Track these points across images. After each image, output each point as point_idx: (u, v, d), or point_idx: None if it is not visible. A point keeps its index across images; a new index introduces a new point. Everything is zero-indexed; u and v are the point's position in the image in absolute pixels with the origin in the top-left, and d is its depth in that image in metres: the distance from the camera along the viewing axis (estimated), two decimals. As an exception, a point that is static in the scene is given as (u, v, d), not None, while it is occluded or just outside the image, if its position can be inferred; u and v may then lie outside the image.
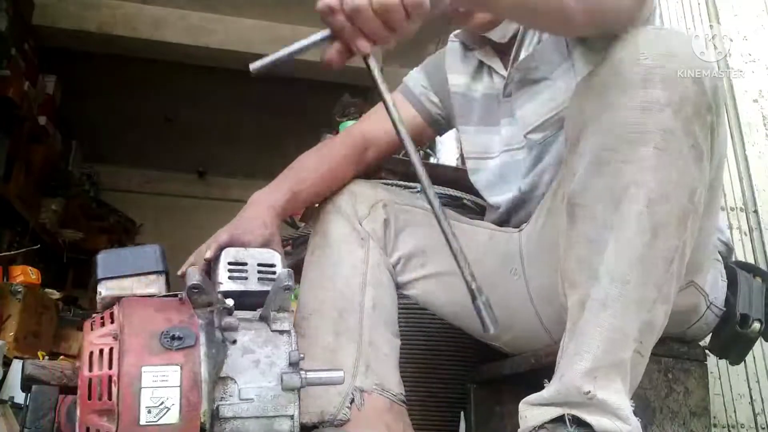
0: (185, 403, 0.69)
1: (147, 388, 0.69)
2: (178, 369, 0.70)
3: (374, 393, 1.01)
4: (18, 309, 2.00)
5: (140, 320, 0.74)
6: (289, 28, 3.91)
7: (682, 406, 0.96)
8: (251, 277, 0.90)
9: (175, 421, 0.68)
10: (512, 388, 1.21)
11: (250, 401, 0.73)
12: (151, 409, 0.68)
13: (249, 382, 0.74)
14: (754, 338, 1.02)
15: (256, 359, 0.75)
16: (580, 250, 0.81)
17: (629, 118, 0.77)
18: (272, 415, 0.73)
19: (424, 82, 1.28)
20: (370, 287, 1.08)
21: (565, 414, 0.77)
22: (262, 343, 0.76)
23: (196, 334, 0.72)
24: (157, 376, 0.69)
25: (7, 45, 3.15)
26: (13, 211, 3.32)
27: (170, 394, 0.69)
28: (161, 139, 4.99)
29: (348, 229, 1.11)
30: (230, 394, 0.73)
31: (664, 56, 0.77)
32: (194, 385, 0.70)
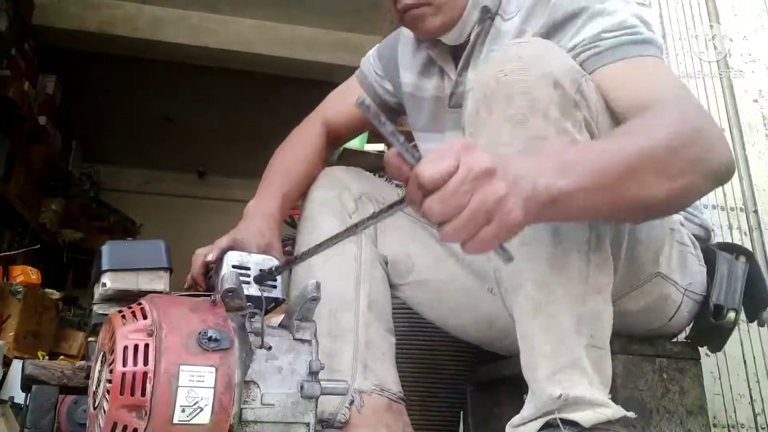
0: (218, 405, 0.70)
1: (183, 387, 0.69)
2: (214, 370, 0.71)
3: (373, 394, 1.01)
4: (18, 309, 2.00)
5: (177, 319, 0.74)
6: (289, 28, 3.91)
7: (679, 406, 0.96)
8: (253, 282, 0.90)
9: (207, 422, 0.69)
10: (510, 390, 1.21)
11: (270, 406, 0.74)
12: (185, 408, 0.69)
13: (271, 388, 0.75)
14: (730, 328, 1.02)
15: (279, 366, 0.76)
16: None
17: (501, 133, 0.80)
18: (291, 421, 0.74)
19: (379, 69, 1.25)
20: (365, 285, 1.08)
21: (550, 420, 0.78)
22: (286, 351, 0.78)
23: (231, 338, 0.73)
24: (194, 375, 0.70)
25: (7, 45, 3.15)
26: (13, 211, 3.31)
27: (205, 394, 0.70)
28: (161, 139, 4.99)
29: (338, 224, 1.09)
30: (253, 399, 0.74)
31: (521, 69, 0.80)
32: (228, 387, 0.71)
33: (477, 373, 1.37)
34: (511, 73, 0.80)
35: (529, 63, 0.81)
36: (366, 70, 1.27)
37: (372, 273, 1.10)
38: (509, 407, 1.21)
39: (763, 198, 1.70)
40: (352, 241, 1.09)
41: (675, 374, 0.98)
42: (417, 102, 1.17)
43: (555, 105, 0.79)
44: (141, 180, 5.59)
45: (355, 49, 3.87)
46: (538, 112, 0.79)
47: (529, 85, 0.80)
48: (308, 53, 3.89)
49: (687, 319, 1.03)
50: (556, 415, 0.77)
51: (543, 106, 0.79)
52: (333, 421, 0.97)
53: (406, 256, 1.13)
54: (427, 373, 1.44)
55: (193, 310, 0.76)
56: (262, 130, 4.66)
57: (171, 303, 0.77)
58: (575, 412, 0.77)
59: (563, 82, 0.80)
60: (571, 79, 0.82)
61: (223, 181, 5.57)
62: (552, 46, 0.86)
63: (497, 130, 0.80)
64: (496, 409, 1.27)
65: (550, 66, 0.81)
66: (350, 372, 1.01)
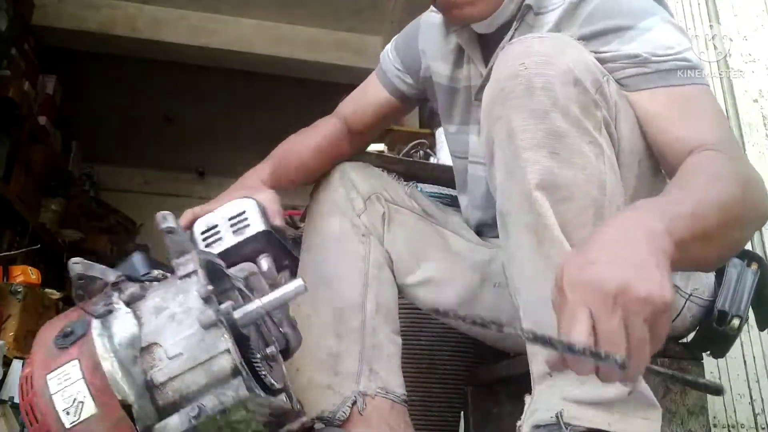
0: (93, 390, 0.67)
1: (56, 392, 0.68)
2: (77, 362, 0.69)
3: (377, 396, 1.00)
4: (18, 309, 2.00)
5: (44, 332, 0.73)
6: (289, 28, 3.91)
7: (680, 406, 0.96)
8: (225, 234, 0.90)
9: (94, 410, 0.67)
10: (509, 390, 1.21)
11: (179, 356, 0.69)
12: (68, 411, 0.68)
13: (171, 339, 0.70)
14: (734, 335, 1.02)
15: (171, 313, 0.71)
16: (520, 258, 0.81)
17: (520, 129, 0.78)
18: (205, 359, 0.68)
19: (398, 63, 1.23)
20: (373, 287, 1.07)
21: None
22: (174, 295, 0.72)
23: (88, 322, 0.70)
24: (60, 377, 0.68)
25: (7, 45, 3.15)
26: (13, 211, 3.31)
27: (78, 388, 0.68)
28: (161, 139, 4.99)
29: (347, 224, 1.09)
30: (159, 359, 0.69)
31: (542, 63, 0.78)
32: (96, 369, 0.68)
33: (477, 373, 1.37)
34: (531, 67, 0.79)
35: (550, 58, 0.79)
36: (385, 66, 1.24)
37: (380, 275, 1.09)
38: (509, 407, 1.21)
39: (763, 198, 1.70)
40: (359, 240, 1.08)
41: (677, 374, 0.97)
42: (452, 94, 1.15)
43: (576, 103, 0.78)
44: (141, 180, 5.59)
45: (356, 49, 3.87)
46: (558, 108, 0.77)
47: (550, 80, 0.78)
48: (308, 53, 3.90)
49: (691, 323, 1.03)
50: None
51: (563, 103, 0.78)
52: (333, 419, 0.97)
53: (412, 254, 1.13)
54: (428, 373, 1.44)
55: (64, 316, 0.75)
56: (262, 130, 4.66)
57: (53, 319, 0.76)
58: None
59: (584, 80, 0.79)
60: (593, 78, 0.81)
61: (223, 181, 5.54)
62: (573, 43, 0.84)
63: (515, 124, 0.79)
64: (496, 409, 1.27)
65: (571, 63, 0.79)
66: (356, 374, 1.01)
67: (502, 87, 0.80)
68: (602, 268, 0.58)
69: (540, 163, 0.77)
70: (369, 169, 1.17)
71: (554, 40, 0.83)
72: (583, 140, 0.78)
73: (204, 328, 0.69)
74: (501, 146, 0.81)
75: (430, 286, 1.13)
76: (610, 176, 0.80)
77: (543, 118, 0.77)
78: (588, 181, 0.78)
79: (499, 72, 0.82)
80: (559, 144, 0.77)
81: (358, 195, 1.11)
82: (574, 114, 0.78)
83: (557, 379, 0.77)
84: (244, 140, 4.83)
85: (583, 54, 0.83)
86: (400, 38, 1.25)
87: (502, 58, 0.82)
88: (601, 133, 0.80)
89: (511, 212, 0.81)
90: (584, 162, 0.78)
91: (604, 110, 0.81)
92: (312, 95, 3.80)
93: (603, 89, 0.82)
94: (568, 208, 0.77)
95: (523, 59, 0.79)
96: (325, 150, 1.18)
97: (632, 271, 0.57)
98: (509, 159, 0.80)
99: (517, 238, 0.81)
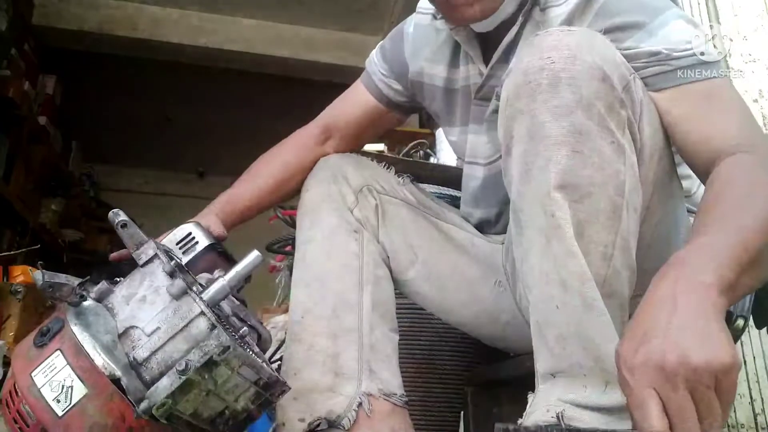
0: (80, 372, 0.69)
1: (43, 386, 0.70)
2: (59, 352, 0.71)
3: (380, 398, 0.99)
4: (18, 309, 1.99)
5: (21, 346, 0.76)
6: (289, 28, 3.91)
7: (682, 407, 0.95)
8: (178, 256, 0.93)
9: (86, 390, 0.69)
10: (509, 391, 1.21)
11: (157, 331, 0.72)
12: (58, 398, 0.69)
13: (147, 318, 0.73)
14: (738, 335, 1.01)
15: (141, 297, 0.74)
16: (531, 257, 0.80)
17: (542, 124, 0.76)
18: (183, 325, 0.72)
19: (384, 69, 1.21)
20: (368, 284, 1.05)
21: None
22: (139, 282, 0.76)
23: (63, 318, 0.73)
24: (46, 371, 0.71)
25: (7, 45, 3.15)
26: (13, 211, 3.31)
27: (64, 374, 0.70)
28: (161, 139, 4.99)
29: (339, 220, 1.06)
30: (138, 338, 0.72)
31: (569, 58, 0.76)
32: (78, 353, 0.70)
33: (477, 373, 1.37)
34: (559, 61, 0.76)
35: (578, 52, 0.77)
36: (371, 71, 1.23)
37: (375, 272, 1.06)
38: (509, 408, 1.21)
39: (763, 198, 1.70)
40: (352, 237, 1.06)
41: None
42: (451, 96, 1.14)
43: (601, 100, 0.76)
44: (141, 180, 5.59)
45: (356, 49, 3.87)
46: (582, 105, 0.76)
47: (576, 76, 0.76)
48: (308, 53, 3.90)
49: None
50: None
51: (589, 100, 0.76)
52: (339, 423, 0.96)
53: (408, 247, 1.10)
54: (428, 373, 1.44)
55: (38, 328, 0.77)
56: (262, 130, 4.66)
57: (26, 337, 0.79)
58: None
59: (612, 77, 0.77)
60: (620, 75, 0.79)
61: (223, 181, 5.53)
62: (602, 39, 0.82)
63: (538, 120, 0.77)
64: (496, 409, 1.27)
65: (599, 59, 0.77)
66: (356, 374, 0.99)
67: (528, 80, 0.78)
68: (656, 346, 0.59)
69: (561, 162, 0.76)
70: (360, 159, 1.15)
71: (583, 35, 0.81)
72: (605, 140, 0.77)
73: (176, 298, 0.73)
74: (520, 141, 0.79)
75: (430, 281, 1.12)
76: (630, 178, 0.79)
77: (567, 114, 0.76)
78: (606, 182, 0.77)
79: (524, 64, 0.79)
80: (580, 142, 0.75)
81: (350, 188, 1.09)
82: (599, 111, 0.76)
83: (560, 380, 0.77)
84: (244, 140, 4.82)
85: (612, 50, 0.81)
86: (386, 44, 1.23)
87: (529, 50, 0.80)
88: (623, 133, 0.79)
89: (525, 209, 0.80)
90: (604, 162, 0.77)
91: (629, 109, 0.80)
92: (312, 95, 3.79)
93: (630, 87, 0.80)
94: (585, 208, 0.76)
95: (551, 53, 0.77)
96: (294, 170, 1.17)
97: (687, 340, 0.58)
98: (528, 155, 0.78)
99: (530, 235, 0.80)
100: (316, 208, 1.08)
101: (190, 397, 0.69)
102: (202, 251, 0.99)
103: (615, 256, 0.78)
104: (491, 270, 1.12)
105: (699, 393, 0.57)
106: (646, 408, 0.58)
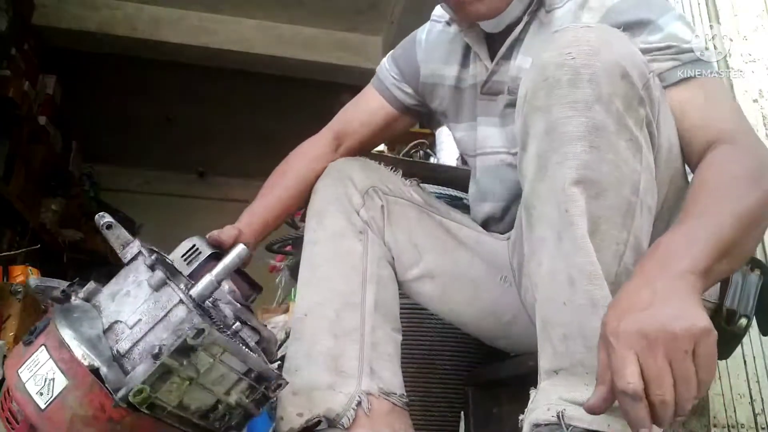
0: (61, 364, 0.70)
1: (28, 380, 0.71)
2: (44, 348, 0.72)
3: (380, 398, 1.00)
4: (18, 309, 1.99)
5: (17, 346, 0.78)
6: (289, 28, 3.92)
7: (682, 407, 0.95)
8: (181, 268, 0.96)
9: (66, 382, 0.70)
10: (510, 391, 1.21)
11: (139, 323, 0.73)
12: (41, 392, 0.70)
13: (129, 310, 0.74)
14: (741, 334, 1.01)
15: (125, 291, 0.76)
16: (539, 252, 0.81)
17: (561, 120, 0.76)
18: (164, 314, 0.73)
19: (395, 73, 1.24)
20: (371, 285, 1.05)
21: None
22: (124, 279, 0.77)
23: (50, 317, 0.75)
24: (31, 366, 0.72)
25: (7, 45, 3.15)
26: (13, 211, 3.31)
27: (47, 368, 0.71)
28: (161, 139, 4.99)
29: (345, 221, 1.07)
30: (121, 332, 0.73)
31: (590, 54, 0.76)
32: (60, 346, 0.71)
33: (478, 373, 1.37)
34: (579, 57, 0.76)
35: (598, 48, 0.76)
36: (382, 76, 1.26)
37: (379, 272, 1.07)
38: (510, 408, 1.21)
39: (763, 198, 1.70)
40: (357, 238, 1.07)
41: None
42: (459, 94, 1.16)
43: (620, 97, 0.76)
44: (141, 180, 5.59)
45: (355, 49, 3.88)
46: (601, 101, 0.75)
47: (596, 72, 0.75)
48: (308, 53, 3.90)
49: None
50: None
51: (608, 97, 0.75)
52: (338, 422, 0.96)
53: (412, 246, 1.11)
54: (428, 373, 1.44)
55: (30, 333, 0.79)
56: (261, 130, 4.68)
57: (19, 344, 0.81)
58: None
59: (632, 74, 0.77)
60: (640, 73, 0.78)
61: (223, 181, 5.58)
62: (622, 35, 0.83)
63: (555, 116, 0.77)
64: (496, 409, 1.27)
65: (620, 55, 0.77)
66: (357, 373, 1.00)
67: (546, 76, 0.78)
68: (639, 316, 0.63)
69: (579, 157, 0.76)
70: (366, 162, 1.17)
71: (603, 31, 0.81)
72: (622, 137, 0.77)
73: (156, 289, 0.74)
74: (537, 137, 0.79)
75: (434, 280, 1.12)
76: (645, 176, 0.79)
77: (585, 111, 0.75)
78: (621, 181, 0.77)
79: (544, 59, 0.79)
80: (598, 138, 0.75)
81: (356, 190, 1.10)
82: (617, 109, 0.76)
83: (562, 377, 0.77)
84: (244, 140, 4.84)
85: (632, 47, 0.81)
86: (398, 50, 1.27)
87: (549, 45, 0.80)
88: (641, 131, 0.79)
89: (537, 206, 0.80)
90: (620, 159, 0.77)
91: (648, 107, 0.80)
92: (312, 95, 3.80)
93: (649, 85, 0.80)
94: (600, 205, 0.76)
95: (571, 48, 0.77)
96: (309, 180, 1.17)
97: (667, 312, 0.63)
98: (544, 151, 0.78)
99: (540, 232, 0.80)
100: (322, 210, 1.10)
101: (170, 386, 0.69)
102: (204, 260, 1.00)
103: (626, 254, 0.78)
104: (496, 267, 1.12)
105: (677, 362, 0.61)
106: (625, 367, 0.62)
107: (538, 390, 0.80)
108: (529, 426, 0.78)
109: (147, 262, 0.76)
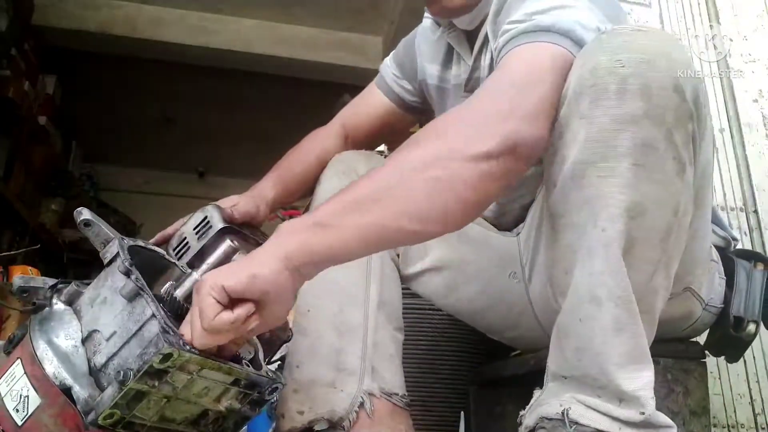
0: (34, 381, 0.69)
1: (5, 395, 0.70)
2: (19, 361, 0.71)
3: (382, 398, 0.99)
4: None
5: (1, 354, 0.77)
6: (289, 28, 3.91)
7: (682, 407, 0.95)
8: (192, 243, 0.96)
9: (40, 400, 0.69)
10: (512, 390, 1.21)
11: (114, 335, 0.71)
12: (17, 408, 0.69)
13: (105, 321, 0.72)
14: (750, 340, 1.01)
15: (102, 298, 0.74)
16: (566, 261, 0.79)
17: (605, 132, 0.73)
18: (136, 329, 0.70)
19: (396, 70, 1.25)
20: (375, 282, 1.05)
21: None
22: (103, 282, 0.75)
23: (28, 324, 0.73)
24: (8, 380, 0.71)
25: (7, 45, 3.14)
26: (13, 211, 3.31)
27: (22, 383, 0.70)
28: (161, 139, 4.98)
29: None
30: (98, 343, 0.71)
31: (642, 63, 0.72)
32: (33, 362, 0.70)
33: (479, 372, 1.37)
34: (629, 65, 0.71)
35: (653, 57, 0.72)
36: (384, 74, 1.27)
37: (383, 270, 1.07)
38: (511, 407, 1.21)
39: (763, 198, 1.70)
40: None
41: (680, 374, 0.96)
42: (442, 93, 1.16)
43: (672, 111, 0.72)
44: (141, 180, 5.58)
45: (355, 49, 3.87)
46: (651, 116, 0.71)
47: (648, 84, 0.71)
48: (308, 53, 3.89)
49: (700, 330, 1.03)
50: None
51: (658, 111, 0.71)
52: (340, 424, 0.96)
53: None
54: (429, 372, 1.44)
55: None
56: (262, 130, 4.67)
57: None
58: None
59: (685, 87, 0.72)
60: (692, 86, 0.74)
61: (223, 181, 5.56)
62: (677, 42, 0.79)
63: (601, 126, 0.72)
64: (498, 408, 1.27)
65: (674, 66, 0.72)
66: (359, 372, 1.00)
67: (593, 82, 0.73)
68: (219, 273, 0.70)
69: (624, 175, 0.72)
70: (371, 155, 1.17)
71: (657, 36, 0.76)
72: (668, 155, 0.73)
73: (129, 300, 0.71)
74: (577, 144, 0.75)
75: (441, 272, 1.12)
76: (685, 196, 0.77)
77: (632, 124, 0.71)
78: (664, 201, 0.74)
79: (592, 63, 0.74)
80: (644, 156, 0.72)
81: None
82: (667, 124, 0.72)
83: (572, 383, 0.77)
84: (244, 140, 4.83)
85: (686, 55, 0.76)
86: (400, 46, 1.27)
87: (597, 45, 0.75)
88: (687, 149, 0.75)
89: (567, 214, 0.77)
90: (666, 178, 0.74)
91: (695, 123, 0.75)
92: (312, 95, 3.80)
93: (699, 99, 0.75)
94: (639, 226, 0.73)
95: (621, 55, 0.72)
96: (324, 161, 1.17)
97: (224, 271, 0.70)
98: (584, 161, 0.74)
99: (570, 241, 0.77)
100: None
101: (147, 404, 0.67)
102: (215, 236, 0.99)
103: (657, 273, 0.77)
104: (505, 262, 1.12)
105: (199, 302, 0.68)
106: None
107: (544, 389, 0.80)
108: (535, 418, 0.78)
109: (121, 268, 0.73)
